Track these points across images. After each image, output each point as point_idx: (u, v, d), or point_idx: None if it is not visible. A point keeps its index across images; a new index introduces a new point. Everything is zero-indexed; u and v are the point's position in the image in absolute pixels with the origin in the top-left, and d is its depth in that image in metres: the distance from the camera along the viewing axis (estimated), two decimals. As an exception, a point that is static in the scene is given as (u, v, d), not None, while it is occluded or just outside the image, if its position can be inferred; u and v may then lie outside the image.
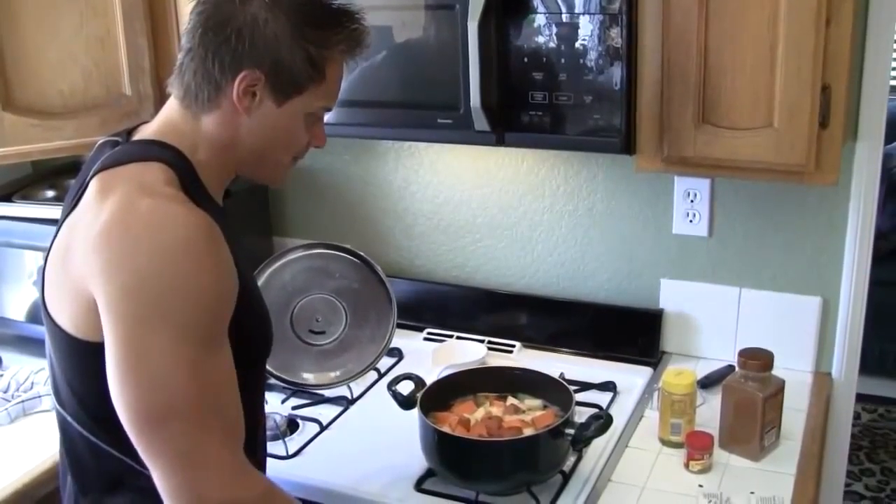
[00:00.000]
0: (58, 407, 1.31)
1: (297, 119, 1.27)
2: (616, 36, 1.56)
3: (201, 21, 1.21)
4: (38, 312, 2.09)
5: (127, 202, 1.14)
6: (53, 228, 1.30)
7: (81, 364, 1.23)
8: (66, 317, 1.21)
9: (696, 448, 1.63)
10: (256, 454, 1.40)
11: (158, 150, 1.22)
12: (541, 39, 1.61)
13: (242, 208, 1.20)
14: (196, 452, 1.14)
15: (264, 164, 1.32)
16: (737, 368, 1.70)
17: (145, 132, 1.28)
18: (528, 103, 1.65)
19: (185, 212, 1.16)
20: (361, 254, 1.99)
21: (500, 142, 1.70)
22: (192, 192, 1.20)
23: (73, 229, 1.20)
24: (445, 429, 1.60)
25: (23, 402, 1.87)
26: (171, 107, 1.28)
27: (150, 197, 1.15)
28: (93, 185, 1.19)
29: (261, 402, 1.40)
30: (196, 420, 1.13)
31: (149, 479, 1.16)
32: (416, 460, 1.64)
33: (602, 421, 1.58)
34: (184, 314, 1.13)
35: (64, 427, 1.31)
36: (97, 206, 1.16)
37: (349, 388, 1.97)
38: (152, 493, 1.16)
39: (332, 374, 1.95)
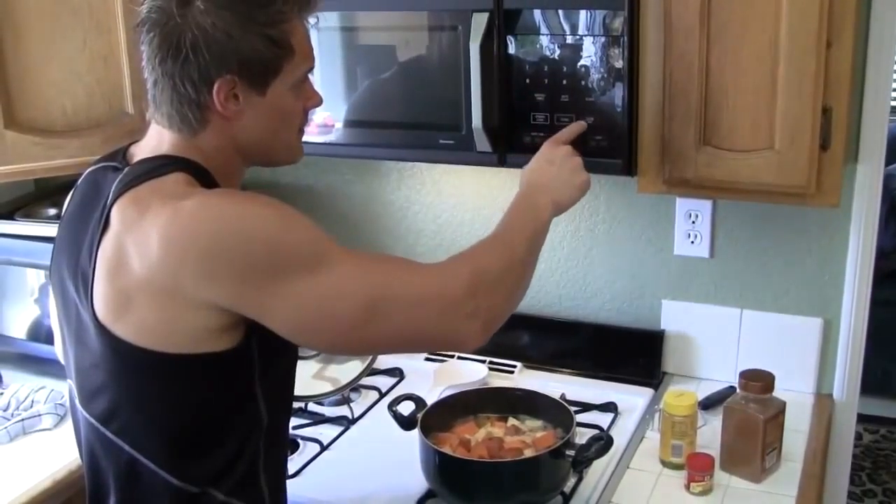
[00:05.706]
0: (113, 438, 1.25)
1: (286, 96, 1.27)
2: (618, 57, 1.57)
3: (154, 49, 1.20)
4: (40, 330, 2.10)
5: (172, 210, 1.15)
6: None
7: (178, 378, 1.21)
8: (153, 336, 1.18)
9: (697, 469, 1.63)
10: (283, 476, 1.43)
11: (172, 163, 1.23)
12: (543, 60, 1.61)
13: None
14: (417, 301, 1.23)
15: (274, 150, 1.33)
16: (738, 390, 1.69)
17: (144, 150, 1.28)
18: (529, 124, 1.65)
19: (220, 193, 1.21)
20: None
21: (502, 162, 1.70)
22: None
23: (121, 248, 1.17)
24: (446, 450, 1.59)
25: (23, 420, 1.87)
26: (163, 133, 1.26)
27: (186, 199, 1.16)
28: (122, 206, 1.19)
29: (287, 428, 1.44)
30: (385, 294, 1.20)
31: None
32: (417, 481, 1.64)
33: (603, 442, 1.58)
34: (299, 251, 1.17)
35: (123, 460, 1.25)
36: (139, 224, 1.16)
37: (350, 408, 1.97)
38: None
39: (319, 386, 1.95)
